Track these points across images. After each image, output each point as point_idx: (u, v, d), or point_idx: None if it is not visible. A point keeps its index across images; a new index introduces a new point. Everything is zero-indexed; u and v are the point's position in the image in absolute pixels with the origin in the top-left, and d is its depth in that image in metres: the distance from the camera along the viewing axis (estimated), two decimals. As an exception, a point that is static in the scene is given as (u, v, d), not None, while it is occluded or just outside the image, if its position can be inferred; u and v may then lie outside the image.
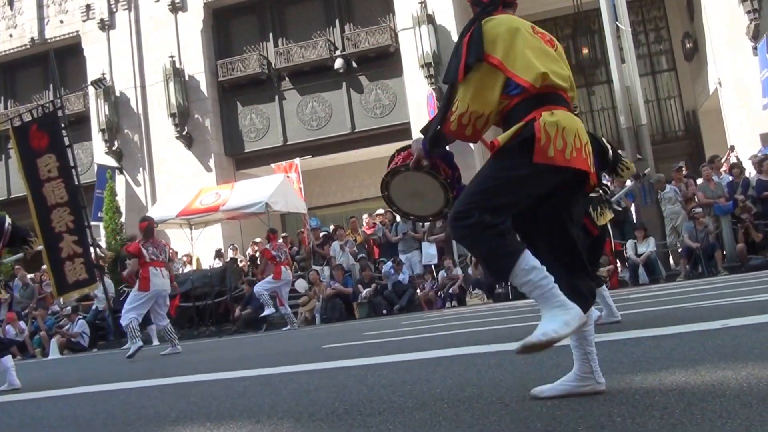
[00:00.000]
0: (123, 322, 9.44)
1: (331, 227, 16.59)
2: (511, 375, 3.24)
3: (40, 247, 10.93)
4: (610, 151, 5.29)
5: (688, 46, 20.16)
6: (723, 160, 14.46)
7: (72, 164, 12.78)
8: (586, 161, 2.57)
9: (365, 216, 16.84)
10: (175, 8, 20.84)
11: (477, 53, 2.54)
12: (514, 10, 2.83)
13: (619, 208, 6.00)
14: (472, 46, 2.55)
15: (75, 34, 21.89)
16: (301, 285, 14.60)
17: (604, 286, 5.49)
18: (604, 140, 5.31)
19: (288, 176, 18.36)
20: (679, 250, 13.01)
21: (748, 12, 16.01)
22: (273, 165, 19.04)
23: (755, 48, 16.08)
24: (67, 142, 12.86)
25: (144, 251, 9.39)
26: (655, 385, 2.61)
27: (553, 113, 2.55)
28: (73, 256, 12.52)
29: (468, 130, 2.57)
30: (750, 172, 13.64)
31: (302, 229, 17.29)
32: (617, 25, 14.43)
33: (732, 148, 15.22)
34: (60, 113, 13.13)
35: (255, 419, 2.97)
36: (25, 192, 13.05)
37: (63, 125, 13.04)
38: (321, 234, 16.62)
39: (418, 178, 2.78)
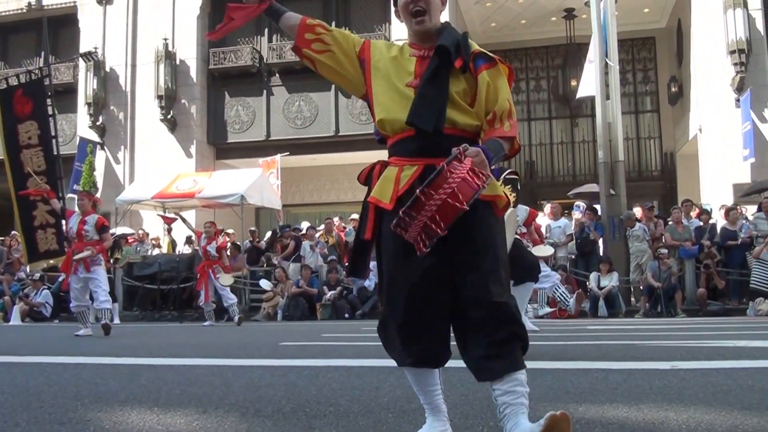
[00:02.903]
0: (107, 305, 9.14)
1: (304, 227, 16.54)
2: (458, 392, 3.29)
3: None
4: None
5: (673, 89, 20.53)
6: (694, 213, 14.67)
7: (53, 134, 12.66)
8: None
9: (336, 219, 16.89)
10: (174, -9, 20.76)
11: None
12: None
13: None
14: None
15: (72, 4, 21.67)
16: (265, 284, 14.59)
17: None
18: None
19: (272, 173, 18.39)
20: (641, 287, 13.23)
21: (735, 64, 16.36)
22: (260, 160, 19.00)
23: (738, 100, 16.44)
24: (50, 112, 12.74)
25: None
26: (596, 417, 2.66)
27: None
28: (46, 226, 12.39)
29: None
30: (718, 219, 13.94)
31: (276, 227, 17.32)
32: (606, 61, 14.66)
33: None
34: (47, 81, 13.00)
35: (202, 409, 3.00)
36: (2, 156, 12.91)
37: (49, 94, 12.91)
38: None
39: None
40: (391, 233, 2.12)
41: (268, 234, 17.60)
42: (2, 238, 17.17)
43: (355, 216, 16.05)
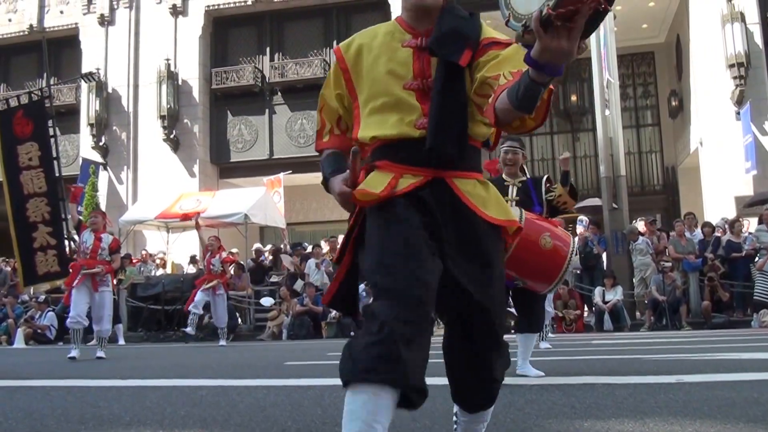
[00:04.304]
0: (107, 334, 9.13)
1: (310, 247, 16.57)
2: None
3: None
4: None
5: (673, 103, 20.63)
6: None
7: (55, 155, 12.69)
8: None
9: (341, 237, 16.86)
10: (176, 12, 20.93)
11: None
12: None
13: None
14: None
15: (74, 26, 21.86)
16: (267, 301, 14.58)
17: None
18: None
19: (277, 191, 18.44)
20: (646, 301, 13.22)
21: (735, 78, 16.45)
22: (264, 179, 19.07)
23: (738, 113, 16.51)
24: (52, 133, 12.78)
25: None
26: (603, 433, 2.66)
27: None
28: (47, 248, 12.34)
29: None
30: (723, 230, 13.92)
31: (281, 245, 17.34)
32: (606, 77, 14.75)
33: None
34: (47, 102, 13.04)
35: (207, 430, 3.00)
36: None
37: (50, 115, 12.94)
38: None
39: None
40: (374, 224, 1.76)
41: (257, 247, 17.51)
42: (5, 259, 17.17)
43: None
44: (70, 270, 10.58)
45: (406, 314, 1.58)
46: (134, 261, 17.18)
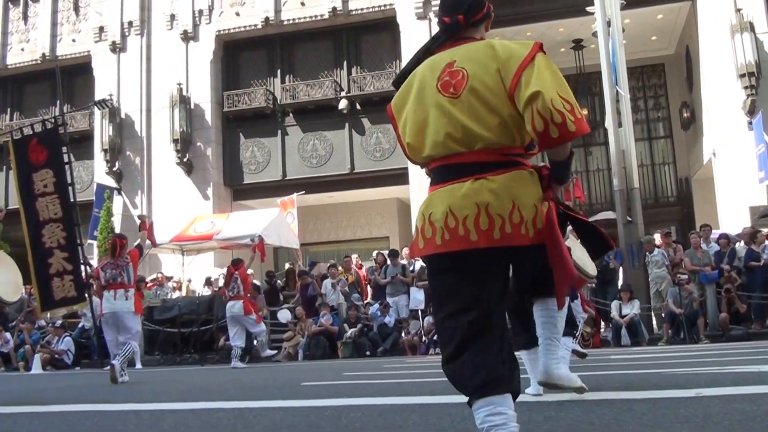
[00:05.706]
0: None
1: (326, 266, 16.60)
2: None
3: None
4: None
5: (685, 115, 20.57)
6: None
7: (69, 181, 12.80)
8: (431, 243, 2.22)
9: (354, 256, 16.93)
10: (187, 37, 21.18)
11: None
12: (485, 29, 2.48)
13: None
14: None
15: (86, 53, 22.17)
16: (283, 316, 14.58)
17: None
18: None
19: (290, 212, 18.51)
20: (663, 314, 13.10)
21: (746, 88, 16.41)
22: (278, 200, 19.16)
23: (750, 123, 16.46)
24: (66, 159, 12.90)
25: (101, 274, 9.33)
26: (622, 449, 2.65)
27: (429, 196, 2.33)
28: (63, 273, 12.43)
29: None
30: (739, 241, 13.79)
31: (292, 265, 17.36)
32: (617, 90, 14.74)
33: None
34: (61, 130, 13.19)
35: (225, 452, 3.01)
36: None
37: (65, 142, 13.08)
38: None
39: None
40: None
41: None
42: (25, 285, 17.29)
43: (374, 254, 16.14)
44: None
45: None
46: (149, 285, 17.24)
